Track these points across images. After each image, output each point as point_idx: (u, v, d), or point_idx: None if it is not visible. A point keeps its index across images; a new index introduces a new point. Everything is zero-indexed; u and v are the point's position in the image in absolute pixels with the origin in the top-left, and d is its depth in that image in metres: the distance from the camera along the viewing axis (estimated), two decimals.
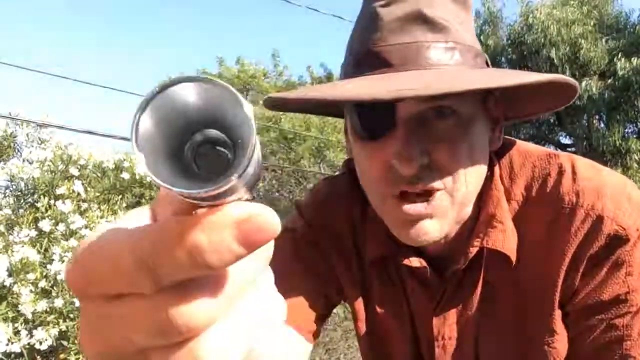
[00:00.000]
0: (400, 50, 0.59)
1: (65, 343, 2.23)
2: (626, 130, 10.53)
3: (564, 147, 11.40)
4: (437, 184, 0.60)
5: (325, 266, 0.77)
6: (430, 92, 0.52)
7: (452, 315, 0.71)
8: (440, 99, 0.58)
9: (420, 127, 0.59)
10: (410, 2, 0.61)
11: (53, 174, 2.80)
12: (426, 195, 0.60)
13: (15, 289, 2.21)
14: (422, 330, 0.74)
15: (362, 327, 0.78)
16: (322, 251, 0.77)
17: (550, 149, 0.71)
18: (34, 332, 2.12)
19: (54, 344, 2.19)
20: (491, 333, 0.70)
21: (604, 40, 10.20)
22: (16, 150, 3.07)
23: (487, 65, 0.66)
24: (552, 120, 11.49)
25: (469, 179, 0.61)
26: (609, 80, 9.77)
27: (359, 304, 0.77)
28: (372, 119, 0.61)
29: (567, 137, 11.70)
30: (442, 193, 0.60)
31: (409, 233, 0.61)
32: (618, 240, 0.61)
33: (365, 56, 0.62)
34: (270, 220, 0.21)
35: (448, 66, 0.59)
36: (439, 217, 0.61)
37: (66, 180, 2.77)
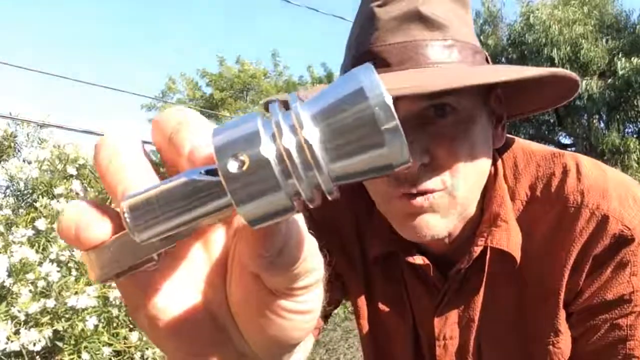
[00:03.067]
0: (398, 49, 0.59)
1: (60, 344, 2.21)
2: (626, 129, 10.55)
3: (564, 147, 11.39)
4: (436, 185, 0.59)
5: (328, 261, 0.76)
6: (427, 89, 0.52)
7: (454, 315, 0.70)
8: (439, 97, 0.57)
9: (420, 125, 0.58)
10: (407, 1, 0.60)
11: (52, 173, 2.79)
12: (426, 194, 0.60)
13: (15, 289, 2.20)
14: (423, 329, 0.73)
15: (364, 325, 0.77)
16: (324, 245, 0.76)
17: (554, 148, 0.71)
18: (27, 332, 2.10)
19: (49, 345, 2.17)
20: (493, 333, 0.69)
21: (604, 40, 10.20)
22: (16, 150, 3.07)
23: (487, 62, 0.66)
24: (552, 120, 11.49)
25: (470, 177, 0.61)
26: (609, 80, 9.76)
27: (362, 301, 0.77)
28: None
29: (567, 136, 11.71)
30: (441, 193, 0.60)
31: (412, 227, 0.61)
32: (623, 240, 0.61)
33: (363, 57, 0.61)
34: None
35: (446, 64, 0.59)
36: (440, 213, 0.61)
37: (64, 180, 2.76)
